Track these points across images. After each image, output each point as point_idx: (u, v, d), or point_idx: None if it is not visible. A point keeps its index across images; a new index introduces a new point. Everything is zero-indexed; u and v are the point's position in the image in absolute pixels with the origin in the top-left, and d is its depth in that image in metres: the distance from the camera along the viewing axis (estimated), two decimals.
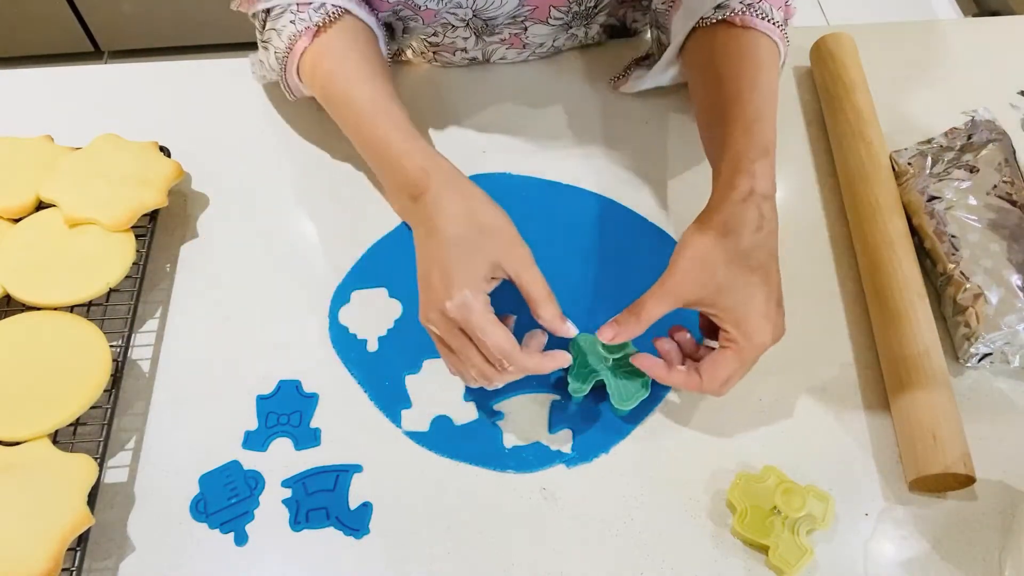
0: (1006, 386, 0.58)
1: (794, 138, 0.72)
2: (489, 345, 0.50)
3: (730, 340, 0.51)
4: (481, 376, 0.52)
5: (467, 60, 0.75)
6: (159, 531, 0.53)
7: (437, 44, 0.73)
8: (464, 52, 0.74)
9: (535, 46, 0.74)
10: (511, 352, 0.50)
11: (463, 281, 0.51)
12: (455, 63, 0.76)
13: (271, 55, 0.64)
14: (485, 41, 0.72)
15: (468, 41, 0.72)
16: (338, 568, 0.52)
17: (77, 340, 0.56)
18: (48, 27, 1.84)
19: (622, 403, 0.55)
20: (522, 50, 0.74)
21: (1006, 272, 0.57)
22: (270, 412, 0.57)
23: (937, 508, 0.53)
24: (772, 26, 0.60)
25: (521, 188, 0.68)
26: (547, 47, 0.75)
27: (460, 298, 0.50)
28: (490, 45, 0.73)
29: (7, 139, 0.66)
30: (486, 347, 0.50)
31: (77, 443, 0.55)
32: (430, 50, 0.75)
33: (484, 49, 0.74)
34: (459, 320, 0.51)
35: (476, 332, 0.50)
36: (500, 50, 0.74)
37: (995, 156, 0.63)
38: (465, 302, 0.50)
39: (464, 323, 0.51)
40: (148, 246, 0.63)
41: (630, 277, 0.63)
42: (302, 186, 0.69)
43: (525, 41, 0.73)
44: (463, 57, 0.75)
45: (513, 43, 0.73)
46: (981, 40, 0.78)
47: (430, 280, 0.52)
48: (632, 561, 0.51)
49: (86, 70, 0.78)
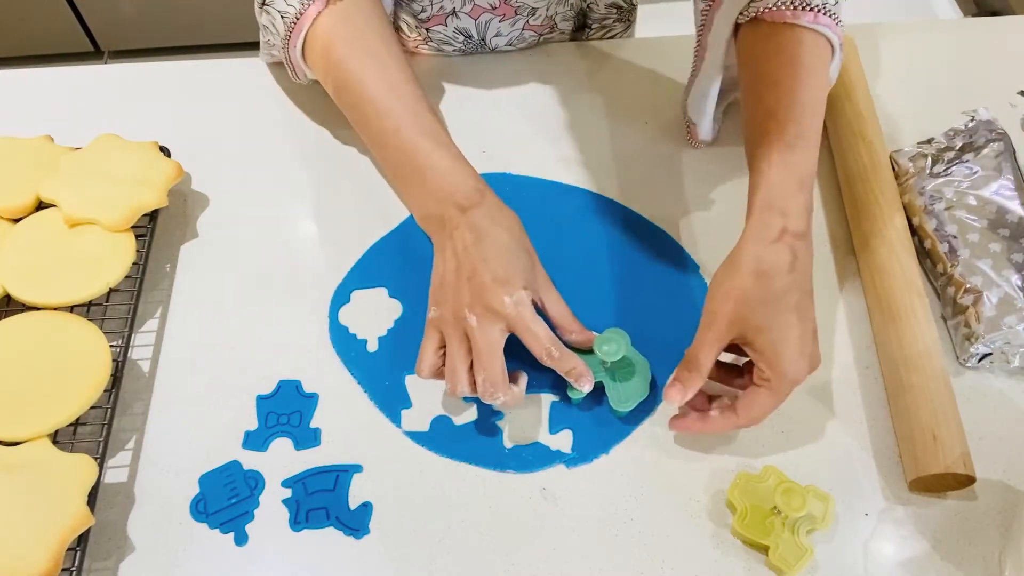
0: (1006, 386, 0.58)
1: None
2: (541, 336, 0.53)
3: (764, 379, 0.51)
4: (490, 384, 0.52)
5: (461, 36, 0.74)
6: (159, 531, 0.53)
7: (428, 19, 0.72)
8: (456, 18, 0.71)
9: (527, 12, 0.72)
10: (557, 344, 0.54)
11: (520, 282, 0.54)
12: (450, 39, 0.74)
13: (277, 19, 0.62)
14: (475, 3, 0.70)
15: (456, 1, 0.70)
16: (338, 568, 0.52)
17: (77, 340, 0.56)
18: (48, 27, 1.84)
19: (621, 405, 0.55)
20: (515, 18, 0.72)
21: (1006, 272, 0.57)
22: (270, 412, 0.57)
23: (937, 508, 0.53)
24: (819, 16, 0.55)
25: (521, 188, 0.68)
26: (540, 15, 0.73)
27: (519, 295, 0.53)
28: (482, 13, 0.71)
29: (7, 139, 0.66)
30: (537, 339, 0.53)
31: (77, 443, 0.55)
32: (422, 25, 0.73)
33: (476, 18, 0.72)
34: (511, 315, 0.52)
35: (530, 325, 0.53)
36: (494, 23, 0.72)
37: (995, 156, 0.63)
38: (523, 299, 0.53)
39: (517, 318, 0.53)
40: (148, 246, 0.63)
41: (630, 277, 0.63)
42: (302, 186, 0.69)
43: (515, 6, 0.71)
44: (456, 27, 0.73)
45: (505, 12, 0.71)
46: (981, 40, 0.78)
47: (477, 280, 0.53)
48: (632, 561, 0.52)
49: (86, 70, 0.78)
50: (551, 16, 0.75)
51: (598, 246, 0.64)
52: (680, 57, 0.76)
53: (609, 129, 0.72)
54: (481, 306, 0.53)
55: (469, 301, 0.53)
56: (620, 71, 0.76)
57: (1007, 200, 0.60)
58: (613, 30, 0.81)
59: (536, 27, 0.75)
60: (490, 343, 0.53)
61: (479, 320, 0.53)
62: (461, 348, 0.53)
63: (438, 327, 0.55)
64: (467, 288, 0.54)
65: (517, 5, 0.71)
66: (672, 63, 0.76)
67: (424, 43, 0.76)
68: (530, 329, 0.53)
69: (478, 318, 0.53)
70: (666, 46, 0.78)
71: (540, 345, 0.53)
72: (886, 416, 0.56)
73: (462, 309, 0.53)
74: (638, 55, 0.77)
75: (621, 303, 0.61)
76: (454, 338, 0.54)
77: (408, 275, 0.63)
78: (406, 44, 0.77)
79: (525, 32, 0.75)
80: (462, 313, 0.53)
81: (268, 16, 0.63)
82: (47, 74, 0.77)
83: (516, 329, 0.53)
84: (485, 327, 0.53)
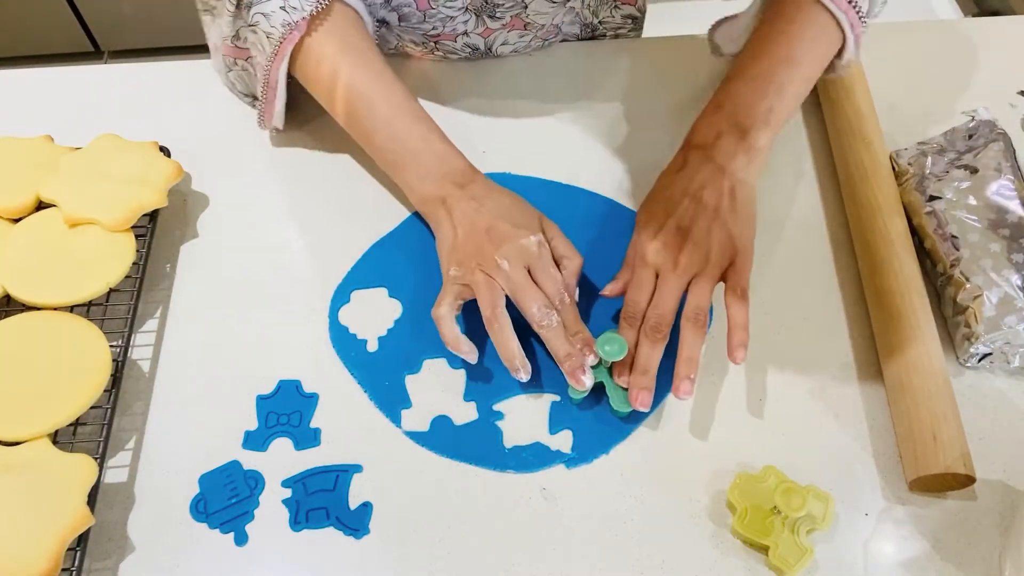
0: (1006, 386, 0.58)
1: (794, 138, 0.72)
2: (558, 279, 0.57)
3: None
4: (547, 307, 0.55)
5: (469, 48, 0.74)
6: (159, 531, 0.53)
7: (437, 35, 0.73)
8: (466, 36, 0.73)
9: (536, 27, 0.73)
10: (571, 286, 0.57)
11: (535, 226, 0.58)
12: (457, 51, 0.75)
13: (261, 38, 0.62)
14: (486, 23, 0.71)
15: (468, 23, 0.71)
16: (338, 568, 0.52)
17: (77, 340, 0.56)
18: (48, 27, 1.84)
19: (621, 405, 0.55)
20: (524, 32, 0.73)
21: (1006, 272, 0.57)
22: (270, 412, 0.57)
23: (937, 508, 0.53)
24: (847, 8, 0.58)
25: (521, 188, 0.68)
26: (548, 27, 0.74)
27: (539, 237, 0.57)
28: (493, 32, 0.72)
29: (7, 139, 0.66)
30: (555, 281, 0.56)
31: (77, 443, 0.55)
32: (431, 40, 0.74)
33: (486, 37, 0.73)
34: (535, 255, 0.56)
35: (548, 267, 0.57)
36: (502, 34, 0.73)
37: (995, 156, 0.63)
38: (543, 240, 0.58)
39: (539, 257, 0.57)
40: (148, 246, 0.63)
41: None
42: (302, 186, 0.69)
43: (526, 20, 0.72)
44: (465, 43, 0.74)
45: (514, 25, 0.72)
46: (981, 40, 0.78)
47: (497, 230, 0.57)
48: (632, 561, 0.51)
49: (86, 70, 0.78)
50: (557, 24, 0.75)
51: (598, 246, 0.64)
52: (683, 57, 0.76)
53: (610, 129, 0.72)
54: (509, 248, 0.56)
55: (495, 248, 0.56)
56: (621, 71, 0.76)
57: (1007, 200, 0.60)
58: (626, 37, 0.82)
59: (543, 35, 0.75)
60: (527, 279, 0.56)
61: (511, 263, 0.56)
62: (490, 289, 0.55)
63: (460, 282, 0.57)
64: (487, 240, 0.57)
65: (527, 21, 0.72)
66: (674, 64, 0.76)
67: (431, 53, 0.76)
68: (548, 271, 0.57)
69: (509, 261, 0.56)
70: (669, 47, 0.78)
71: (554, 287, 0.56)
72: (886, 416, 0.56)
73: (491, 258, 0.56)
74: (640, 55, 0.77)
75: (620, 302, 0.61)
76: (483, 285, 0.55)
77: (408, 275, 0.63)
78: (411, 53, 0.77)
79: (532, 41, 0.76)
80: (492, 261, 0.56)
81: (254, 35, 0.63)
82: (47, 74, 0.77)
83: (536, 269, 0.56)
84: (516, 268, 0.56)
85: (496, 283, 0.55)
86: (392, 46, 0.77)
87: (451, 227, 0.59)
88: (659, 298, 0.56)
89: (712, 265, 0.56)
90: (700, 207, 0.58)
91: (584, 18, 0.76)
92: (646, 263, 0.58)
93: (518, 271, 0.56)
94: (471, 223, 0.58)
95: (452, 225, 0.59)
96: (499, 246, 0.56)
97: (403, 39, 0.75)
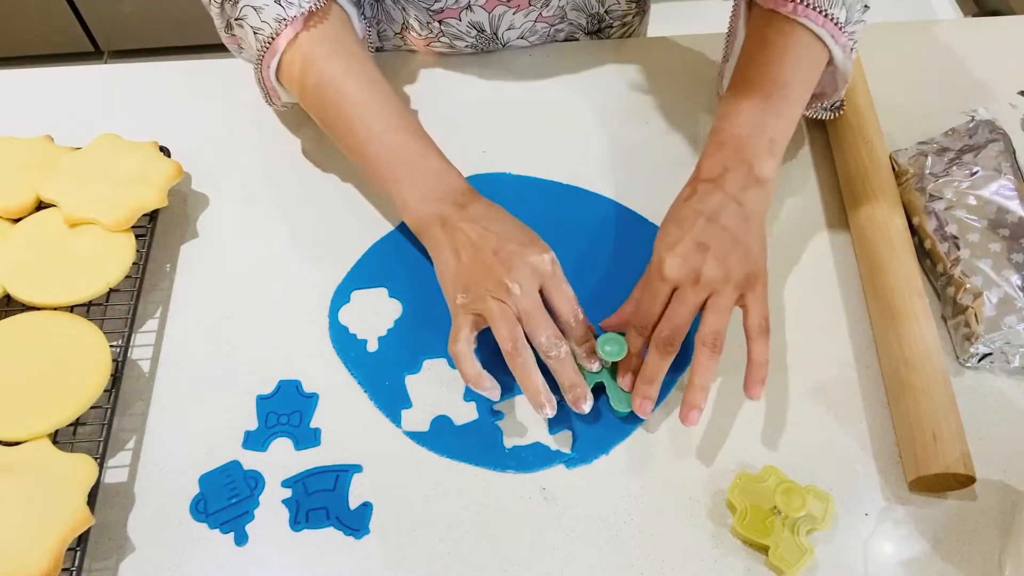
0: (1006, 386, 0.58)
1: (794, 138, 0.71)
2: (571, 296, 0.56)
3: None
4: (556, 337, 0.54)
5: (474, 30, 0.73)
6: (159, 531, 0.53)
7: (441, 9, 0.72)
8: (470, 11, 0.71)
9: (540, 3, 0.72)
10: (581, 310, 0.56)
11: (542, 243, 0.57)
12: (462, 34, 0.74)
13: (248, 35, 0.61)
14: None
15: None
16: (338, 568, 0.52)
17: (77, 340, 0.56)
18: (48, 27, 1.84)
19: (621, 405, 0.55)
20: (528, 9, 0.72)
21: (1006, 272, 0.57)
22: (270, 412, 0.57)
23: (937, 508, 0.53)
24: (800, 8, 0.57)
25: (521, 188, 0.68)
26: (553, 7, 0.73)
27: (550, 255, 0.56)
28: (496, 6, 0.71)
29: (7, 139, 0.66)
30: (569, 300, 0.55)
31: (77, 443, 0.55)
32: (434, 19, 0.73)
33: (490, 10, 0.71)
34: (549, 274, 0.55)
35: (562, 284, 0.56)
36: (507, 16, 0.72)
37: (995, 156, 0.63)
38: (554, 258, 0.56)
39: (553, 276, 0.55)
40: (148, 246, 0.63)
41: (630, 278, 0.63)
42: (302, 186, 0.69)
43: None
44: (470, 21, 0.72)
45: (520, 4, 0.71)
46: (981, 40, 0.78)
47: (506, 251, 0.55)
48: (632, 561, 0.51)
49: (86, 70, 0.78)
50: (562, 6, 0.74)
51: (598, 246, 0.64)
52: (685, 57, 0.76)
53: (610, 129, 0.72)
54: (521, 270, 0.54)
55: (505, 271, 0.54)
56: (622, 71, 0.76)
57: (1007, 200, 0.60)
58: (632, 25, 0.81)
59: (548, 18, 0.75)
60: (538, 305, 0.54)
61: (523, 286, 0.54)
62: (506, 320, 0.53)
63: (472, 311, 0.55)
64: (498, 262, 0.55)
65: None
66: (676, 63, 0.76)
67: (436, 39, 0.75)
68: (561, 288, 0.55)
69: (521, 285, 0.54)
70: (671, 46, 0.78)
71: (570, 306, 0.55)
72: (886, 416, 0.56)
73: (501, 282, 0.54)
74: (641, 55, 0.77)
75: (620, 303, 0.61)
76: (498, 316, 0.53)
77: (408, 275, 0.63)
78: (416, 43, 0.77)
79: (538, 24, 0.75)
80: (503, 285, 0.54)
81: (241, 30, 0.62)
82: (47, 74, 0.77)
83: (550, 287, 0.55)
84: (528, 292, 0.54)
85: (511, 311, 0.53)
86: (395, 32, 0.76)
87: (453, 252, 0.57)
88: (674, 311, 0.54)
89: (732, 285, 0.54)
90: (718, 227, 0.56)
91: (590, 7, 0.76)
92: (664, 278, 0.55)
93: (529, 295, 0.54)
94: (475, 247, 0.56)
95: (455, 250, 0.57)
96: (510, 268, 0.54)
97: (408, 14, 0.74)
